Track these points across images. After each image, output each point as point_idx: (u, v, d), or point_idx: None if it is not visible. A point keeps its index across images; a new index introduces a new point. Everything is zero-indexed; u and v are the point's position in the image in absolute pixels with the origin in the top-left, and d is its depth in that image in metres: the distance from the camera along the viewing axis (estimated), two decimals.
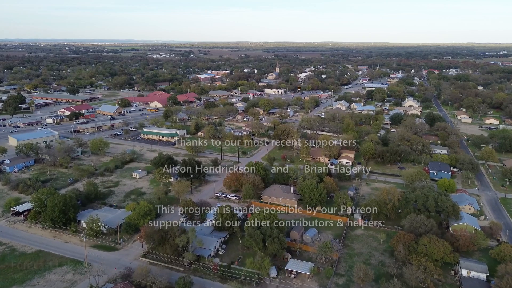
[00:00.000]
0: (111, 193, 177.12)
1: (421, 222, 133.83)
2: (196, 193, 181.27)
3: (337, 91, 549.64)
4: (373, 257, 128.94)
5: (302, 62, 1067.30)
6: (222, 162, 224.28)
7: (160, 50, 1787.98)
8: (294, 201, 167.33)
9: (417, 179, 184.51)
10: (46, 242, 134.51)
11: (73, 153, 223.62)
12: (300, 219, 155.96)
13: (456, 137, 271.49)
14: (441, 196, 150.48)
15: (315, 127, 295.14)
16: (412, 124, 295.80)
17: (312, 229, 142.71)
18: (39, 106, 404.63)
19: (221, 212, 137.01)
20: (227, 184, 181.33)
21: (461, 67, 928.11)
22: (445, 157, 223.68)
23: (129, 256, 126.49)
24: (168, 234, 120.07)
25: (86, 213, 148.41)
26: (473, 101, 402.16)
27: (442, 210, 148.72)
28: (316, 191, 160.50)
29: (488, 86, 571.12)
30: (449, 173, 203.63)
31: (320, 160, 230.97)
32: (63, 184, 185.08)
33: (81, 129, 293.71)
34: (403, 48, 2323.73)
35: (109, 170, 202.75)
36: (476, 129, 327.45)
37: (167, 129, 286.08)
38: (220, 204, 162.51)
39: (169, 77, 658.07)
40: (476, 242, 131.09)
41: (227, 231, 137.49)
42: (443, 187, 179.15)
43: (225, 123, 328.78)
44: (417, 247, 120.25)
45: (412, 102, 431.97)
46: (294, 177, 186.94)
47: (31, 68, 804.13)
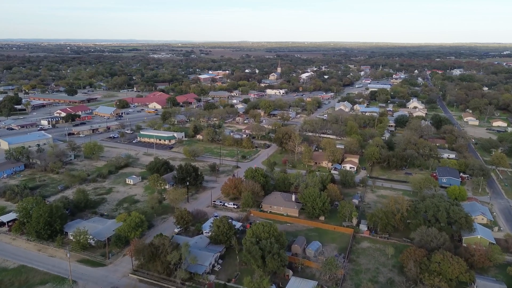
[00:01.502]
0: (103, 201, 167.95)
1: (432, 235, 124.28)
2: (193, 201, 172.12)
3: (339, 91, 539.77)
4: (381, 274, 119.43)
5: (304, 62, 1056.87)
6: (221, 167, 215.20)
7: (161, 50, 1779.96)
8: (296, 210, 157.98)
9: (425, 186, 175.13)
10: (30, 256, 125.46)
11: (65, 158, 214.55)
12: (302, 230, 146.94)
13: (464, 140, 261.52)
14: (453, 207, 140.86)
15: (318, 130, 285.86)
16: (418, 127, 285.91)
17: (315, 242, 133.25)
18: (35, 107, 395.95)
19: (217, 224, 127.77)
20: (225, 192, 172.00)
21: (465, 67, 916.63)
22: (454, 162, 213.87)
23: (117, 272, 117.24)
24: (159, 250, 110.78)
25: (74, 224, 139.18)
26: (480, 103, 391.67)
27: (454, 222, 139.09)
28: (319, 200, 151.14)
29: (494, 87, 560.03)
30: (458, 179, 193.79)
31: (323, 165, 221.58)
32: (52, 191, 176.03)
33: (76, 131, 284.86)
34: (406, 48, 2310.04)
35: (102, 176, 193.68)
36: (483, 132, 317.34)
37: (164, 132, 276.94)
38: (217, 214, 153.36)
39: (169, 77, 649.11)
40: (492, 257, 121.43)
41: (223, 245, 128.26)
42: (454, 195, 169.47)
43: (224, 125, 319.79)
44: (430, 264, 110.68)
45: (416, 104, 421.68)
46: (296, 184, 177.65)
47: (30, 68, 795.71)
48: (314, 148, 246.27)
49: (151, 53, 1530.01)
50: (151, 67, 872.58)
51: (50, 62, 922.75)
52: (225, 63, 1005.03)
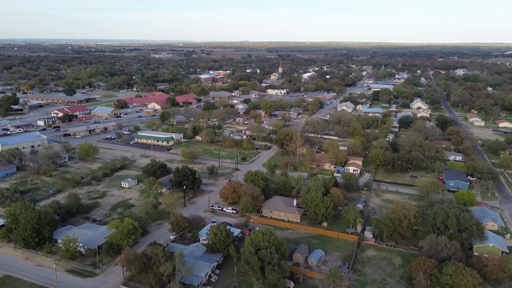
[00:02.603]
0: (96, 206, 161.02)
1: (442, 244, 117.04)
2: (190, 205, 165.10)
3: (341, 92, 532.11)
4: (388, 286, 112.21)
5: (306, 62, 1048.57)
6: (220, 170, 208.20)
7: (162, 50, 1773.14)
8: (298, 215, 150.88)
9: (432, 190, 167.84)
10: (16, 266, 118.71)
11: (59, 160, 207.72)
12: (304, 236, 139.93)
13: (471, 142, 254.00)
14: (463, 213, 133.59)
15: (320, 131, 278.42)
16: (423, 128, 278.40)
17: (317, 250, 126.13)
18: (32, 107, 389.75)
19: (214, 231, 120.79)
20: (223, 196, 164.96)
21: (468, 67, 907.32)
22: (462, 164, 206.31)
23: (107, 284, 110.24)
24: (152, 260, 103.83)
25: (64, 230, 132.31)
26: (485, 103, 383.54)
27: (464, 229, 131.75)
28: (322, 205, 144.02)
29: (498, 87, 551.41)
30: (466, 183, 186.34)
31: (326, 168, 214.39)
32: (44, 195, 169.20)
33: (72, 132, 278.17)
34: (407, 48, 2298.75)
35: (97, 179, 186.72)
36: (490, 133, 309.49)
37: (162, 133, 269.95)
38: (215, 220, 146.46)
39: (169, 77, 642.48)
40: (505, 267, 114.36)
41: (221, 253, 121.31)
42: (462, 200, 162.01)
43: (224, 126, 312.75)
44: (441, 276, 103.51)
45: (420, 104, 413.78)
46: (298, 188, 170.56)
47: (30, 68, 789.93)
48: (316, 150, 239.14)
49: (152, 53, 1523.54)
50: (151, 67, 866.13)
51: (50, 62, 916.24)
52: (226, 63, 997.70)
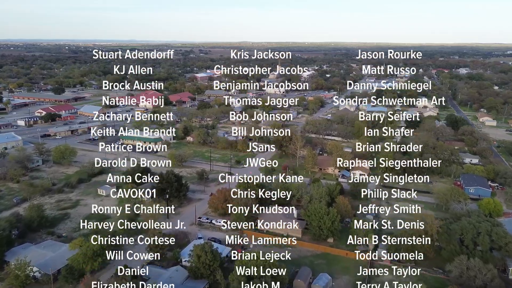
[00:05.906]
0: (65, 218, 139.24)
1: (476, 269, 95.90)
2: (175, 216, 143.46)
3: (343, 90, 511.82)
4: None
5: (305, 62, 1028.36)
6: (211, 174, 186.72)
7: (161, 50, 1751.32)
8: (299, 230, 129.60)
9: (452, 199, 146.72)
10: None
11: (31, 163, 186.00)
12: (307, 255, 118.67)
13: (487, 143, 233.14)
14: (496, 228, 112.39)
15: (321, 131, 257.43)
16: (433, 128, 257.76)
17: (323, 275, 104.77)
18: (17, 106, 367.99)
19: (198, 253, 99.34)
20: (213, 206, 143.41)
21: (471, 66, 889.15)
22: (481, 168, 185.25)
23: None
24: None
25: (20, 249, 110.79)
26: (496, 102, 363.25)
27: (498, 248, 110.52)
28: (327, 218, 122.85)
29: (505, 86, 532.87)
30: (489, 189, 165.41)
31: (329, 171, 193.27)
32: (6, 204, 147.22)
33: (53, 132, 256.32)
34: (407, 47, 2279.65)
35: (71, 186, 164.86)
36: (503, 133, 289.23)
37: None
38: (201, 235, 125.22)
39: (164, 76, 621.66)
40: None
41: (206, 280, 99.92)
42: (487, 209, 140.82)
43: (219, 126, 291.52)
44: None
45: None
46: (298, 196, 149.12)
47: (22, 66, 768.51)
48: (318, 152, 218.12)
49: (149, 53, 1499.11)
50: (147, 65, 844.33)
51: (44, 61, 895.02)
52: (224, 62, 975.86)
